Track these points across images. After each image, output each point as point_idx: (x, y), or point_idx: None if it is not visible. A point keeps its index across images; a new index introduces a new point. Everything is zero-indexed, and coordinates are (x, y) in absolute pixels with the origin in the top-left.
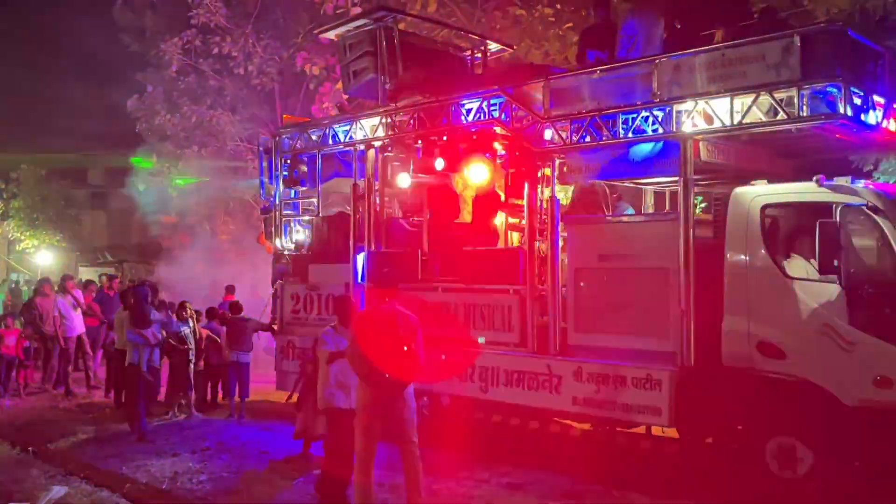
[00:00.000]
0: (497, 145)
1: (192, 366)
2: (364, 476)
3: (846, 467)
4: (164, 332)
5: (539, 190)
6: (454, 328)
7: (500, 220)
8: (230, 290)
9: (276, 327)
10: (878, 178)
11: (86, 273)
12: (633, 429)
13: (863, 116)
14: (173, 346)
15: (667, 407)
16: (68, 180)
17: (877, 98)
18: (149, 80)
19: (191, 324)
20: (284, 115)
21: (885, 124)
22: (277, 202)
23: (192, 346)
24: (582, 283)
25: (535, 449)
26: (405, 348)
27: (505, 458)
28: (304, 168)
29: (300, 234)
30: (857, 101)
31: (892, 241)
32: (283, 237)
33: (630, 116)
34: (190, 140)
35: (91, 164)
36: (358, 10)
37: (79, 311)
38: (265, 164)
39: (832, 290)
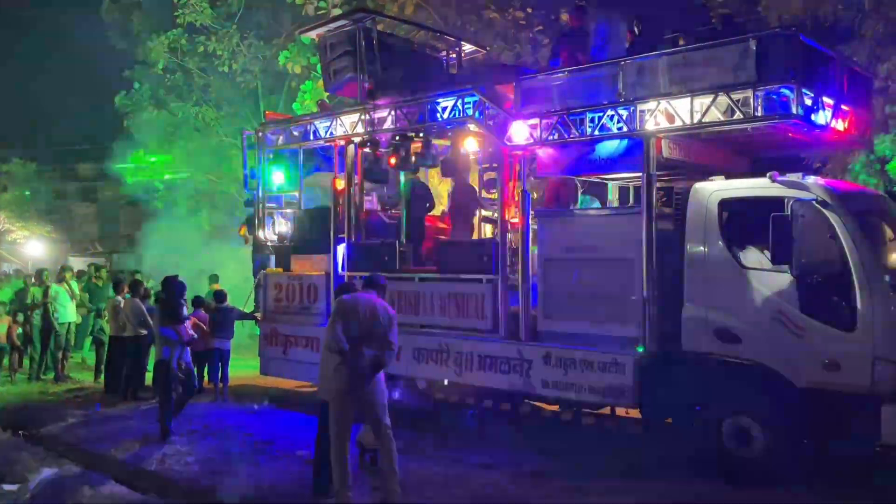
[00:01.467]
0: (471, 141)
1: None
2: (340, 455)
3: (796, 445)
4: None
5: (511, 184)
6: (430, 316)
7: (473, 210)
8: (214, 279)
9: (259, 315)
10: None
11: (76, 263)
12: (598, 410)
13: (813, 116)
14: None
15: (630, 389)
16: (58, 173)
17: (826, 99)
18: (136, 77)
19: None
20: (267, 112)
21: (833, 124)
22: (260, 195)
23: None
24: (551, 273)
25: (507, 429)
26: (381, 336)
27: (478, 439)
28: (287, 162)
29: (282, 226)
30: (808, 101)
31: (840, 234)
32: (266, 229)
33: (597, 115)
34: (176, 135)
35: (81, 158)
36: (338, 11)
37: (74, 301)
38: (248, 158)
39: (784, 279)
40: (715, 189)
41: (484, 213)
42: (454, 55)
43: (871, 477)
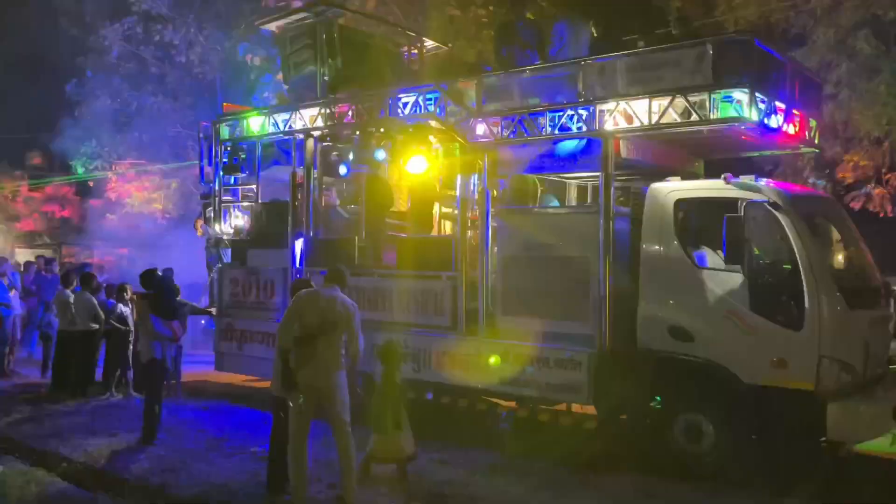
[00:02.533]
0: (432, 138)
1: (131, 347)
2: (298, 452)
3: (746, 442)
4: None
5: (471, 182)
6: (389, 312)
7: (434, 207)
8: (168, 272)
9: (214, 310)
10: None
11: (23, 255)
12: (555, 406)
13: (766, 120)
14: (114, 327)
15: (586, 386)
16: (5, 163)
17: (778, 104)
18: (89, 66)
19: (130, 306)
20: (224, 104)
21: (785, 128)
22: (217, 188)
23: (132, 327)
24: (510, 271)
25: (464, 426)
26: (343, 332)
27: (435, 435)
28: (244, 155)
29: (239, 220)
30: (762, 106)
31: (790, 235)
32: (222, 222)
33: (557, 114)
34: (130, 125)
35: (30, 147)
36: (299, 3)
37: (13, 292)
38: (205, 150)
39: (737, 279)
40: (671, 189)
41: (444, 209)
42: (416, 51)
43: (816, 472)
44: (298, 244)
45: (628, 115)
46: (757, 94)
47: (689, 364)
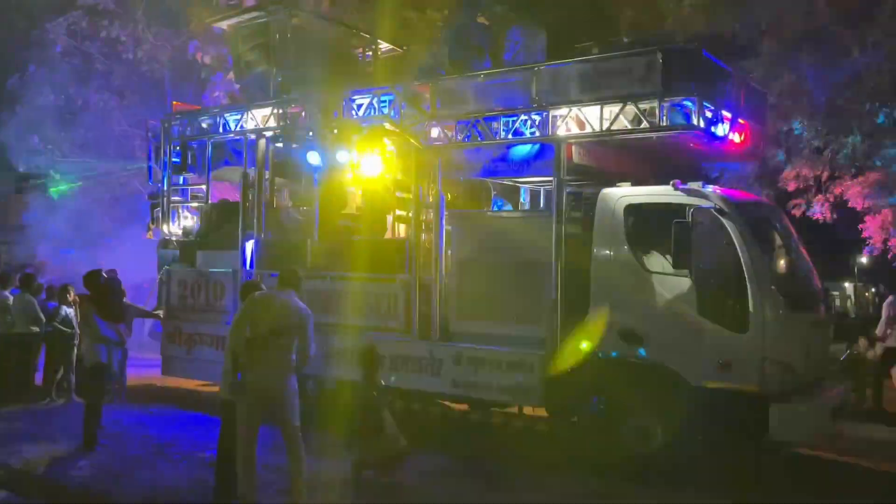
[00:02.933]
0: (387, 140)
1: (75, 350)
2: (247, 457)
3: (693, 443)
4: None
5: (425, 184)
6: (343, 315)
7: (388, 209)
8: (112, 273)
9: (161, 313)
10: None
11: None
12: (507, 408)
13: (713, 128)
14: (57, 330)
15: (538, 389)
16: None
17: (725, 113)
18: (32, 60)
19: (74, 307)
20: (174, 102)
21: (731, 136)
22: (165, 188)
23: (76, 329)
24: (464, 274)
25: (418, 429)
26: (295, 337)
27: None
28: (194, 155)
29: (188, 221)
30: (709, 114)
31: (735, 240)
32: (170, 223)
33: (510, 119)
34: (75, 122)
35: None
36: (252, 2)
37: None
38: (153, 150)
39: (684, 283)
40: (621, 195)
41: (399, 212)
42: (370, 52)
43: (761, 472)
44: (249, 246)
45: (580, 120)
46: (704, 103)
47: (639, 367)
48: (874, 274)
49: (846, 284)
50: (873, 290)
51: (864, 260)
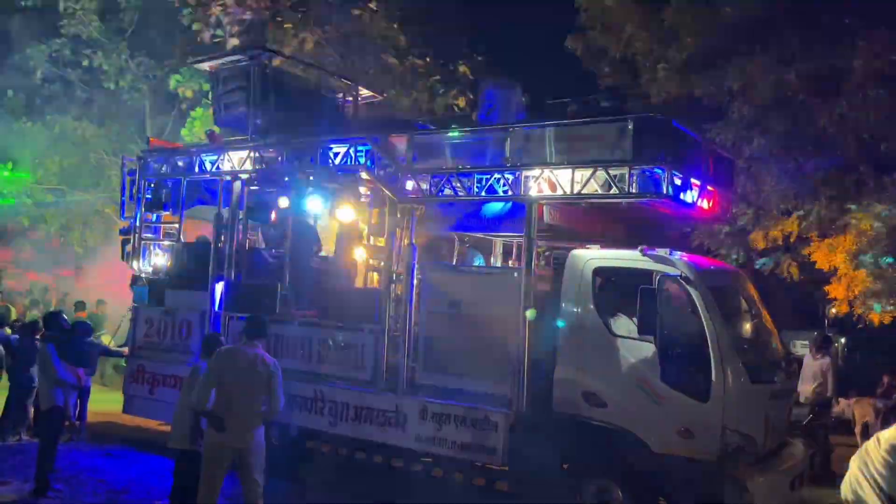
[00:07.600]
0: (362, 189)
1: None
2: None
3: None
4: None
5: (398, 236)
6: (308, 363)
7: (360, 257)
8: (80, 306)
9: (126, 350)
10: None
11: None
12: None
13: (682, 195)
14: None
15: (500, 447)
16: None
17: (694, 180)
18: (9, 85)
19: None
20: (151, 139)
21: (699, 203)
22: (138, 224)
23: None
24: (433, 327)
25: (378, 481)
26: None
27: (348, 489)
28: (168, 193)
29: (159, 258)
30: (678, 181)
31: (700, 309)
32: (140, 260)
33: (484, 177)
34: (52, 149)
35: None
36: (235, 41)
37: None
38: (128, 185)
39: (648, 348)
40: (590, 257)
41: (371, 261)
42: (350, 98)
43: None
44: (219, 287)
45: (552, 182)
46: (673, 171)
47: (602, 429)
48: (844, 324)
49: (815, 334)
50: (843, 340)
51: (833, 310)
